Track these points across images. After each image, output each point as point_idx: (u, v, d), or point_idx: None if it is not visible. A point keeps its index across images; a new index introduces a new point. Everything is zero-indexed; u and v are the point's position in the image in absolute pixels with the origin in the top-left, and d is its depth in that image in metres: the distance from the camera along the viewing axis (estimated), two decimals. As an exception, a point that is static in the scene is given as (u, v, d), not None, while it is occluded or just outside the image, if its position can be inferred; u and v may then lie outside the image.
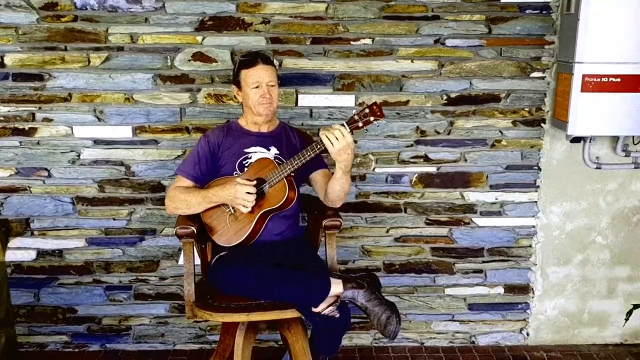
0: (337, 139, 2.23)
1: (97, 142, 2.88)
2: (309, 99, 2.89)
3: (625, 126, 2.76)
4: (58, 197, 2.92)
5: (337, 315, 2.21)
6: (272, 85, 2.45)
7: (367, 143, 2.95)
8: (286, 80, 2.81)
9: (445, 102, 2.92)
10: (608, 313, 3.17)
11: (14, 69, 2.77)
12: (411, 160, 2.98)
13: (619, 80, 2.68)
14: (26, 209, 2.93)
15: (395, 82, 2.89)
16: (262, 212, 2.40)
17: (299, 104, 2.89)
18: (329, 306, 2.19)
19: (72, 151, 2.88)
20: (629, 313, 2.70)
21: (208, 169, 2.49)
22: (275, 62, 2.74)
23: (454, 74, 2.89)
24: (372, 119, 2.27)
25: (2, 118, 2.82)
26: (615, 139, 2.95)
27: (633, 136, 2.93)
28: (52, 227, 2.96)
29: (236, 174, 2.45)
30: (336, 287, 2.20)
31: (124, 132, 2.87)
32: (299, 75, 2.85)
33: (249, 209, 2.34)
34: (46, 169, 2.89)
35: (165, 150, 2.90)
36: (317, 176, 2.55)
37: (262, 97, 2.43)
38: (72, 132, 2.86)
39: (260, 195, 2.39)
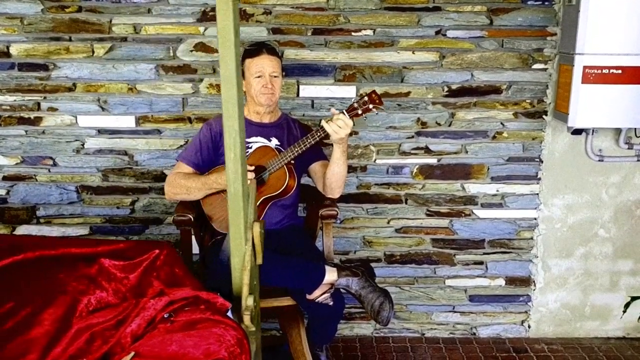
0: (339, 127, 2.26)
1: (101, 131, 2.92)
2: (310, 89, 2.91)
3: (626, 118, 2.75)
4: (63, 185, 2.97)
5: (331, 303, 2.23)
6: (275, 76, 2.47)
7: (368, 134, 2.96)
8: (287, 70, 2.83)
9: (447, 93, 2.92)
10: (610, 306, 3.16)
11: (20, 59, 2.82)
12: (412, 151, 2.99)
13: (620, 72, 2.66)
14: (32, 196, 2.98)
15: (396, 73, 2.89)
16: (261, 199, 2.42)
17: (301, 95, 2.91)
18: (323, 294, 2.21)
19: (76, 140, 2.93)
20: (627, 305, 2.68)
21: (209, 157, 2.51)
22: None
23: (455, 65, 2.89)
24: (371, 106, 2.30)
25: (8, 107, 2.88)
26: (618, 131, 2.93)
27: (635, 128, 2.90)
28: (58, 215, 3.01)
29: (236, 163, 2.47)
30: (330, 274, 2.22)
31: (128, 122, 2.91)
32: (300, 66, 2.87)
33: None
34: (51, 158, 2.94)
35: (168, 140, 2.93)
36: (316, 167, 2.56)
37: (264, 87, 2.45)
38: (77, 122, 2.91)
39: (260, 183, 2.41)
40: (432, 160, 3.00)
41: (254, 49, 2.48)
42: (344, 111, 2.30)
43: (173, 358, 1.57)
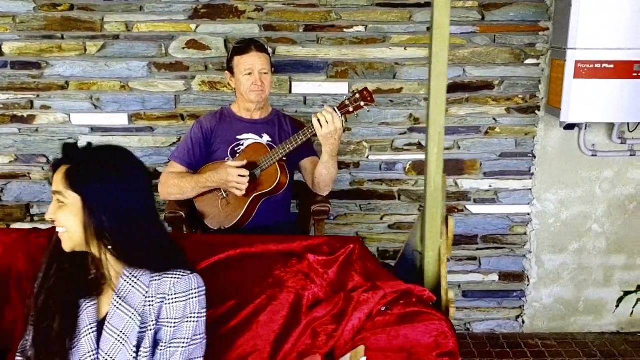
0: (327, 122, 2.25)
1: (94, 129, 2.93)
2: (303, 86, 2.91)
3: (619, 113, 2.75)
4: (57, 183, 2.98)
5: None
6: (264, 73, 2.47)
7: (361, 130, 2.97)
8: (280, 67, 2.83)
9: (439, 89, 2.92)
10: (604, 301, 3.16)
11: (12, 57, 2.83)
12: (405, 147, 2.99)
13: (612, 66, 2.66)
14: (26, 195, 2.99)
15: (388, 69, 2.90)
16: (254, 196, 2.43)
17: (293, 92, 2.91)
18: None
19: (69, 138, 2.93)
20: (620, 300, 2.69)
21: (201, 155, 2.52)
22: (269, 50, 2.77)
23: (447, 61, 2.88)
24: (362, 103, 2.29)
25: (1, 106, 2.88)
26: (610, 125, 2.93)
27: (629, 123, 2.90)
28: (51, 213, 3.01)
29: (228, 159, 2.48)
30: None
31: (120, 120, 2.92)
32: (292, 62, 2.87)
33: (243, 192, 2.37)
34: (45, 156, 2.94)
35: (160, 137, 2.94)
36: (306, 163, 2.56)
37: (253, 84, 2.45)
38: (70, 120, 2.91)
39: (252, 179, 2.42)
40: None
41: (242, 47, 2.48)
42: (336, 108, 2.30)
43: (401, 350, 1.57)
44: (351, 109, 2.30)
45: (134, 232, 1.43)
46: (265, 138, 2.54)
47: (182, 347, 1.44)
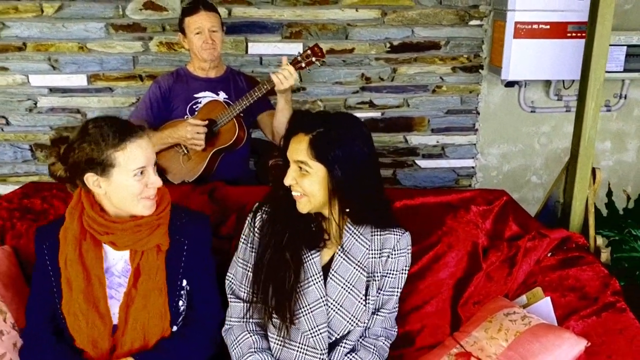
0: (285, 78, 2.37)
1: (53, 90, 2.97)
2: (259, 46, 3.00)
3: (554, 71, 2.94)
4: (17, 144, 3.02)
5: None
6: (214, 31, 2.53)
7: (315, 89, 3.09)
8: (235, 28, 2.91)
9: (389, 49, 3.06)
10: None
11: (-33, 18, 2.84)
12: (357, 106, 3.13)
13: (547, 27, 2.85)
14: (-16, 155, 3.04)
15: (341, 30, 3.01)
16: (214, 151, 2.53)
17: (249, 52, 3.01)
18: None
19: (28, 99, 2.97)
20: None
21: (160, 113, 2.59)
22: (224, 10, 2.85)
23: (396, 22, 3.02)
24: (313, 59, 2.40)
25: (-43, 67, 2.90)
26: (548, 83, 3.13)
27: (564, 81, 3.11)
28: (12, 174, 3.07)
29: (187, 117, 2.57)
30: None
31: (79, 81, 2.96)
32: (248, 23, 2.96)
33: (202, 147, 2.47)
34: (4, 117, 2.97)
35: (119, 98, 3.00)
36: (264, 117, 2.67)
37: (204, 43, 2.52)
38: (28, 81, 2.94)
39: (211, 135, 2.52)
40: (376, 114, 3.15)
41: (191, 7, 2.53)
42: (289, 63, 2.41)
43: (573, 289, 1.74)
44: (303, 65, 2.41)
45: (367, 189, 1.53)
46: (222, 95, 2.63)
47: (396, 295, 1.64)
